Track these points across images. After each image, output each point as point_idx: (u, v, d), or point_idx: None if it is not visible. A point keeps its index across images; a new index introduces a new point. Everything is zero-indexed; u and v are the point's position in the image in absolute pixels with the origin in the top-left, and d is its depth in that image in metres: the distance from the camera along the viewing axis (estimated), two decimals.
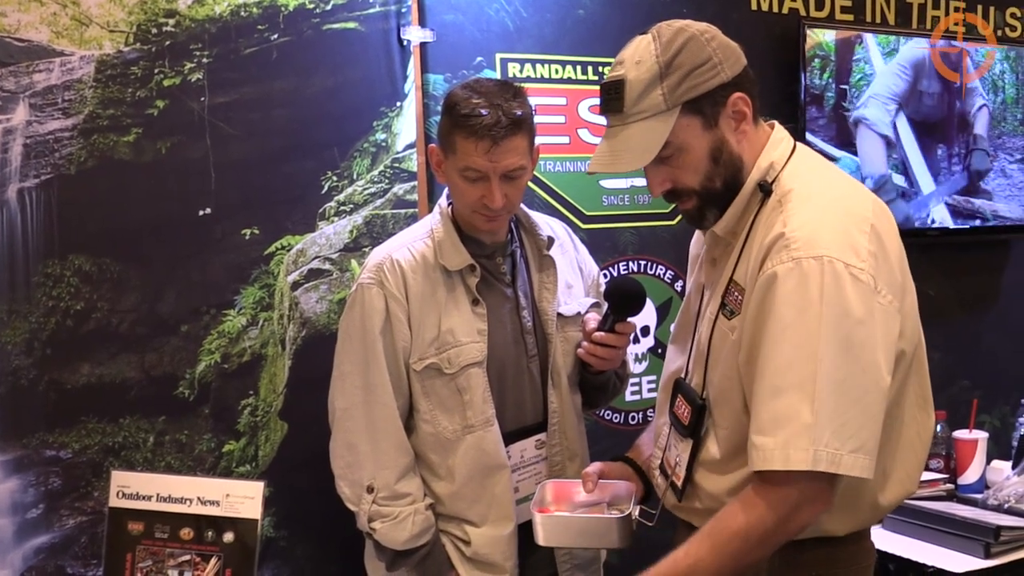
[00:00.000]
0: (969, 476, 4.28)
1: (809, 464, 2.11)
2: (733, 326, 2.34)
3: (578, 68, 3.97)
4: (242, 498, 2.85)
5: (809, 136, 4.38)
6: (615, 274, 4.11)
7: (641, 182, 4.00)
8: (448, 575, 2.99)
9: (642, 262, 4.20)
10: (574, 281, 3.15)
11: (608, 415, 4.16)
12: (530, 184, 3.34)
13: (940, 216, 4.83)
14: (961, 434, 4.33)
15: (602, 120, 3.88)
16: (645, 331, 4.21)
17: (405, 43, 3.55)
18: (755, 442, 2.19)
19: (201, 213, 3.24)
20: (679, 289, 4.25)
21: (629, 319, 2.94)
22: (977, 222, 4.95)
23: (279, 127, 3.35)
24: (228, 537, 2.83)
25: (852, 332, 2.14)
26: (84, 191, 3.06)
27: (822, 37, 4.44)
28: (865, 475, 2.16)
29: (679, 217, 4.10)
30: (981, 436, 4.31)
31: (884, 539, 3.68)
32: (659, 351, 4.23)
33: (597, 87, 3.90)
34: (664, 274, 4.25)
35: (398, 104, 3.55)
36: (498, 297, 2.97)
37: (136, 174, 3.13)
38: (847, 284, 2.14)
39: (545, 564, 3.09)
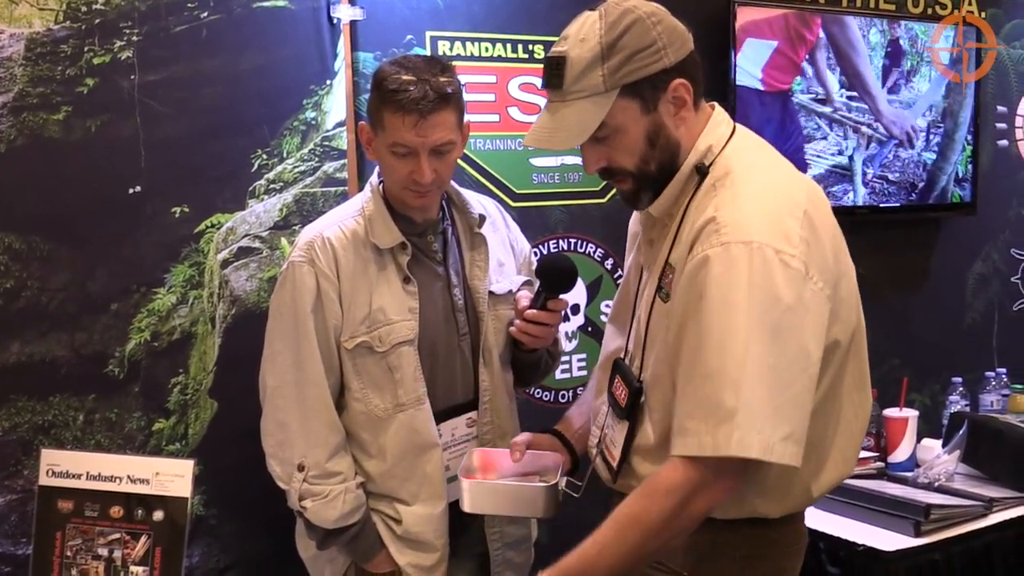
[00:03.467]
0: (899, 454, 4.33)
1: (736, 450, 2.16)
2: (668, 309, 2.38)
3: (508, 46, 4.03)
4: (172, 476, 2.93)
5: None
6: (545, 252, 4.17)
7: (571, 160, 4.13)
8: (379, 553, 3.06)
9: (572, 240, 4.28)
10: (506, 259, 3.24)
11: (538, 393, 4.23)
12: (460, 162, 3.37)
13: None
14: (891, 412, 4.38)
15: (532, 98, 4.02)
16: (575, 309, 4.29)
17: (335, 21, 3.60)
18: (686, 426, 2.23)
19: (131, 191, 3.28)
20: (609, 267, 4.36)
21: (561, 296, 3.01)
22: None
23: (209, 105, 3.40)
24: (158, 515, 2.92)
25: (782, 319, 2.18)
26: (13, 169, 3.11)
27: None
28: (795, 463, 2.20)
29: (610, 195, 4.20)
30: (911, 414, 4.37)
31: (814, 518, 3.74)
32: (589, 329, 4.32)
33: (527, 65, 4.03)
34: (594, 252, 4.33)
35: (328, 82, 3.61)
36: (429, 275, 3.05)
37: (66, 152, 3.18)
38: (777, 270, 2.18)
39: (476, 543, 3.18)
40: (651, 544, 2.27)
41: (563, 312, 3.08)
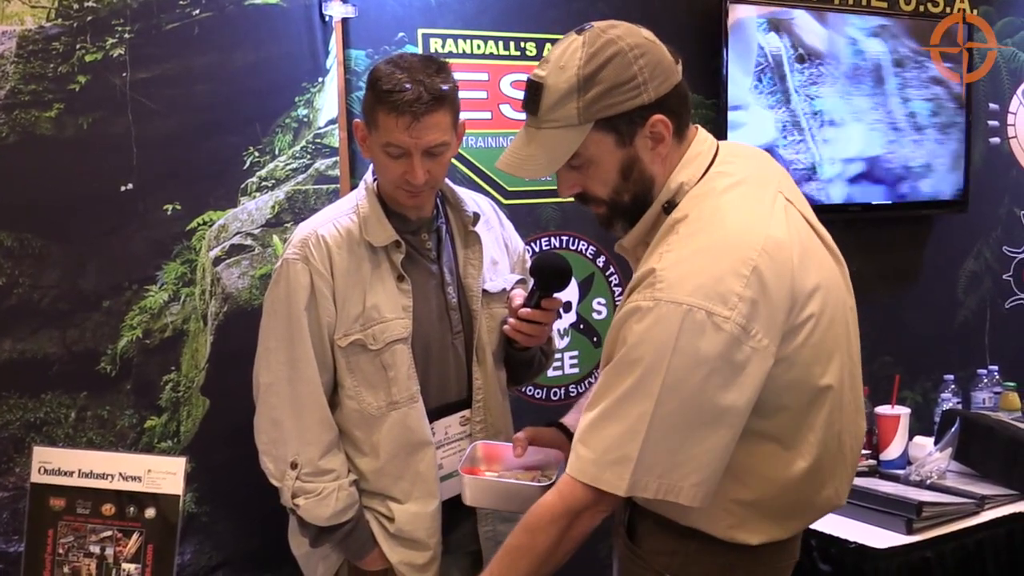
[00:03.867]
0: (891, 452, 4.41)
1: (630, 491, 2.24)
2: None
3: (500, 43, 4.03)
4: (164, 474, 2.94)
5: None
6: (537, 250, 4.18)
7: None
8: (371, 551, 3.08)
9: (564, 238, 4.29)
10: (499, 257, 3.25)
11: (530, 391, 4.25)
12: (452, 159, 3.40)
13: None
14: (883, 410, 4.46)
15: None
16: (567, 307, 4.30)
17: (327, 18, 3.59)
18: (580, 452, 2.30)
19: (123, 188, 3.28)
20: (601, 264, 4.37)
21: (555, 295, 3.01)
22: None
23: (201, 102, 3.40)
24: (150, 513, 2.93)
25: (704, 382, 2.18)
26: (6, 166, 3.11)
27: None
28: (702, 505, 2.26)
29: None
30: (903, 412, 4.44)
31: None
32: (581, 326, 4.34)
33: (519, 62, 4.03)
34: (586, 250, 4.34)
35: (320, 80, 3.60)
36: (423, 273, 3.06)
37: (58, 149, 3.17)
38: (706, 334, 2.17)
39: (468, 541, 3.20)
40: (542, 571, 2.36)
41: (558, 310, 3.09)
